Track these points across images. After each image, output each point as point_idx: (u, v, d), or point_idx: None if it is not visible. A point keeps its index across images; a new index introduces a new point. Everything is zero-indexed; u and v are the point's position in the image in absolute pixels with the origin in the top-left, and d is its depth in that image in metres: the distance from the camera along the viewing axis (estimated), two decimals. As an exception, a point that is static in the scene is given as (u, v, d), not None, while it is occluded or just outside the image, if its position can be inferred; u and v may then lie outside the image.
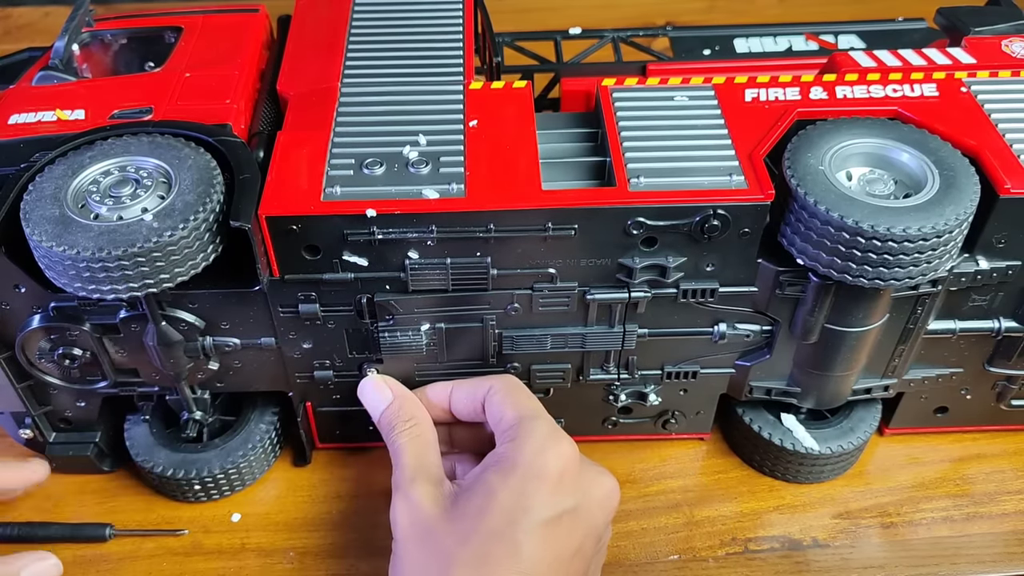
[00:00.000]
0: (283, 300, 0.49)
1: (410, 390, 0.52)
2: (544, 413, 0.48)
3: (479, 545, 0.42)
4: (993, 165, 0.48)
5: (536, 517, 0.43)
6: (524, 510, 0.43)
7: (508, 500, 0.43)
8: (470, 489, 0.45)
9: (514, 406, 0.48)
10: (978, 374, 0.57)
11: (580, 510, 0.45)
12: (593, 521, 0.46)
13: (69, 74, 0.56)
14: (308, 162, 0.48)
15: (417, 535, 0.44)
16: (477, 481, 0.45)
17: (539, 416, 0.47)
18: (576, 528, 0.45)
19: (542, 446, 0.45)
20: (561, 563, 0.43)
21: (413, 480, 0.46)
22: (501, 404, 0.48)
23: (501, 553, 0.42)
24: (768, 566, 0.55)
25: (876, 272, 0.45)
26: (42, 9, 1.07)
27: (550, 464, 0.45)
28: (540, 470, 0.44)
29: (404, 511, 0.45)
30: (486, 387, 0.50)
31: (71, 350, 0.51)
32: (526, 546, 0.42)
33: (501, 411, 0.48)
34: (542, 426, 0.46)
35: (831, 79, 0.54)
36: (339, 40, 0.58)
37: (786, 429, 0.57)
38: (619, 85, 0.54)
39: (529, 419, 0.47)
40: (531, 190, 0.46)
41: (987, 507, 0.58)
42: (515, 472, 0.44)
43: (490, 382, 0.50)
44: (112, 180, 0.47)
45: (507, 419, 0.47)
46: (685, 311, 0.51)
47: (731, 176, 0.47)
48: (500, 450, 0.46)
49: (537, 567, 0.42)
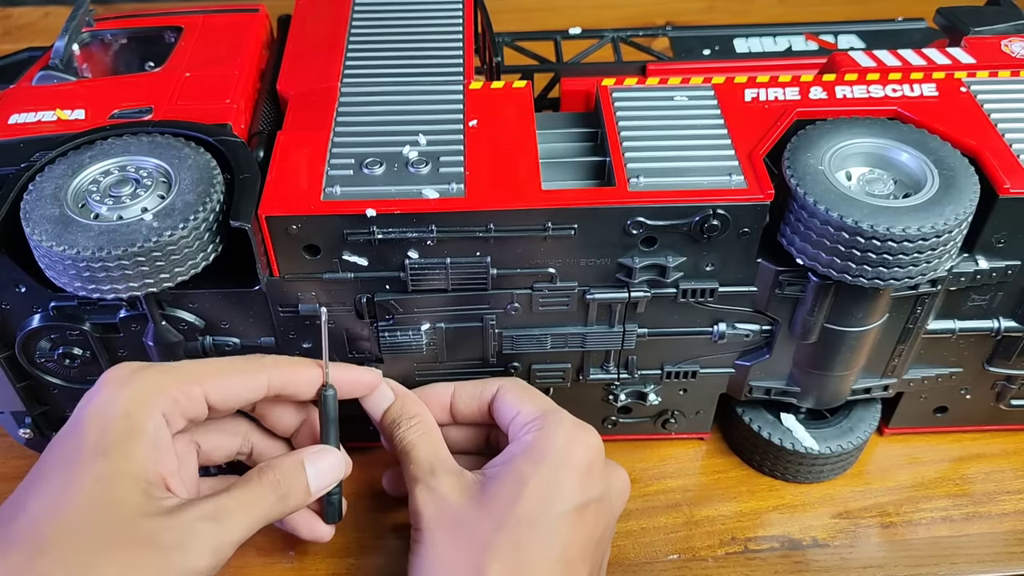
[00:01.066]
0: (283, 300, 0.49)
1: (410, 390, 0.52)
2: (562, 409, 0.48)
3: (513, 530, 0.43)
4: (993, 165, 0.48)
5: (567, 504, 0.44)
6: (556, 497, 0.44)
7: (540, 487, 0.44)
8: (498, 477, 0.45)
9: (532, 402, 0.48)
10: (977, 374, 0.57)
11: (604, 500, 0.46)
12: (613, 511, 0.48)
13: (69, 74, 0.56)
14: (308, 162, 0.48)
15: (446, 524, 0.44)
16: (506, 469, 0.45)
17: (560, 410, 0.48)
18: (601, 517, 0.46)
19: (571, 436, 0.46)
20: (587, 550, 0.45)
21: (433, 471, 0.46)
22: (517, 401, 0.48)
23: (535, 538, 0.43)
24: (768, 566, 0.55)
25: (876, 272, 0.45)
26: (42, 9, 1.07)
27: (579, 453, 0.46)
28: (570, 459, 0.45)
29: (428, 502, 0.45)
30: (494, 387, 0.50)
31: (71, 350, 0.51)
32: (558, 532, 0.43)
33: (518, 408, 0.48)
34: (567, 418, 0.47)
35: (831, 79, 0.54)
36: (339, 40, 0.58)
37: (786, 429, 0.57)
38: (619, 85, 0.54)
39: (553, 412, 0.48)
40: (531, 190, 0.47)
41: (986, 507, 0.58)
42: (546, 460, 0.45)
43: (499, 382, 0.50)
44: (112, 180, 0.47)
45: (527, 413, 0.48)
46: (685, 311, 0.51)
47: (731, 176, 0.47)
48: (527, 439, 0.46)
49: (568, 552, 0.43)
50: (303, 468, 0.46)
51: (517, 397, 0.49)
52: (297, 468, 0.45)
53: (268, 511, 0.43)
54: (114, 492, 0.39)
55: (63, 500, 0.39)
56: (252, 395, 0.46)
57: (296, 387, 0.47)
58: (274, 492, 0.44)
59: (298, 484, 0.45)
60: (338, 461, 0.48)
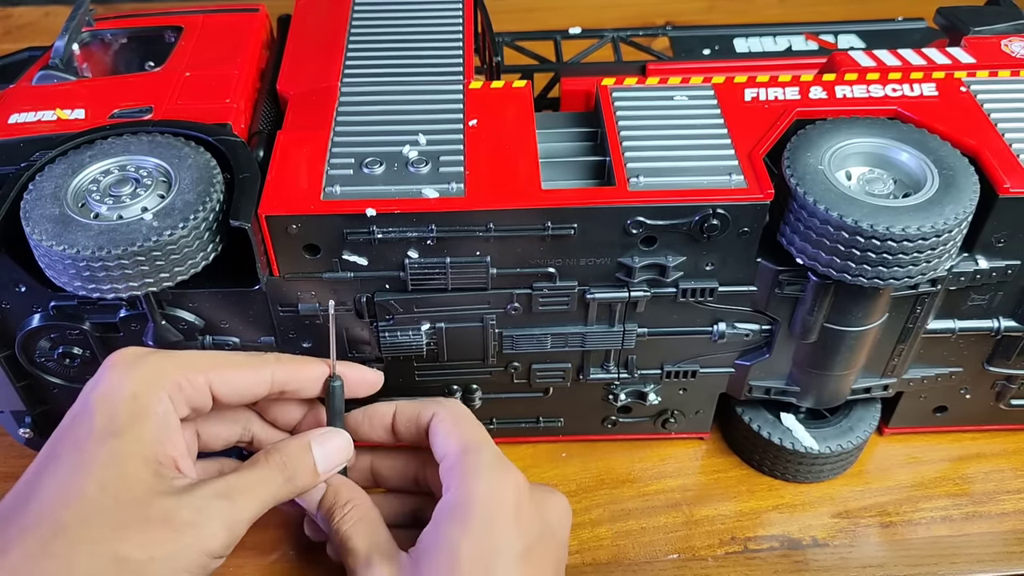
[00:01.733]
0: (283, 300, 0.49)
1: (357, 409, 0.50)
2: (488, 442, 0.46)
3: None
4: (992, 165, 0.48)
5: (508, 557, 0.42)
6: (494, 556, 0.42)
7: (475, 552, 0.42)
8: (430, 551, 0.43)
9: (458, 436, 0.46)
10: (977, 374, 0.57)
11: (545, 535, 0.45)
12: (559, 541, 0.46)
13: (69, 74, 0.56)
14: (308, 161, 0.48)
15: None
16: (436, 540, 0.43)
17: (483, 446, 0.45)
18: (547, 554, 0.44)
19: (491, 482, 0.44)
20: None
21: (369, 563, 0.44)
22: (446, 435, 0.46)
23: None
24: (767, 565, 0.55)
25: (875, 271, 0.45)
26: (42, 9, 1.07)
27: (504, 498, 0.43)
28: (497, 508, 0.43)
29: None
30: (430, 412, 0.48)
31: (71, 349, 0.51)
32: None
33: (445, 442, 0.46)
34: (487, 457, 0.45)
35: (831, 79, 0.54)
36: (339, 40, 0.58)
37: (785, 428, 0.57)
38: (619, 85, 0.54)
39: (474, 451, 0.45)
40: (531, 189, 0.47)
41: (986, 506, 0.58)
42: (472, 518, 0.42)
43: (434, 407, 0.48)
44: (112, 179, 0.47)
45: (451, 452, 0.45)
46: (684, 310, 0.51)
47: (731, 176, 0.47)
48: (450, 497, 0.44)
49: None
50: (309, 450, 0.46)
51: (447, 431, 0.47)
52: (303, 450, 0.45)
53: (276, 492, 0.44)
54: (127, 472, 0.39)
55: (76, 482, 0.39)
56: (255, 390, 0.46)
57: (299, 384, 0.47)
58: (281, 473, 0.44)
59: (305, 465, 0.45)
60: (345, 442, 0.48)
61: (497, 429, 0.59)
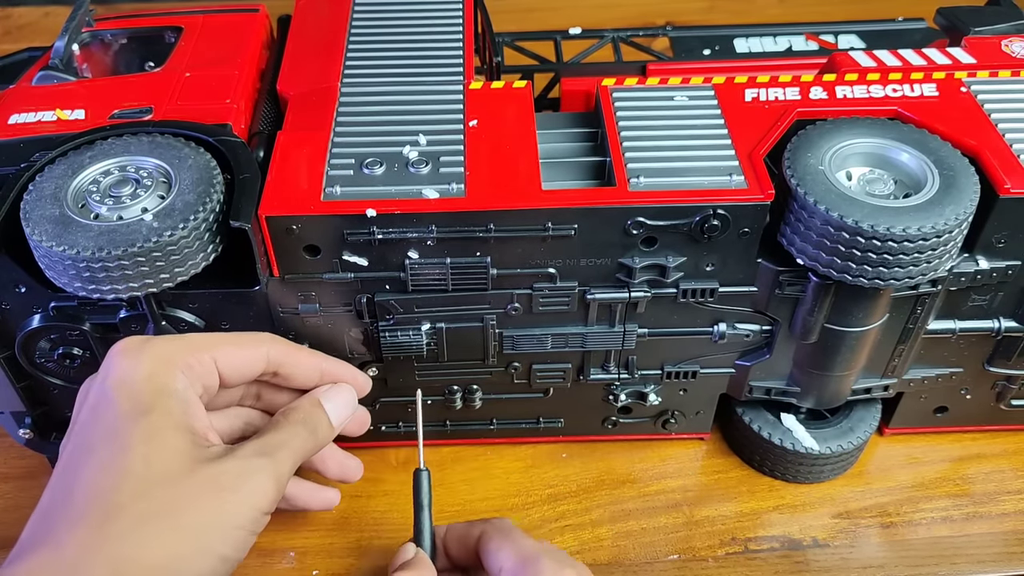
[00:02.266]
0: (283, 300, 0.49)
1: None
2: (545, 550, 0.46)
3: None
4: (993, 165, 0.48)
5: None
6: None
7: None
8: None
9: (513, 550, 0.46)
10: (978, 374, 0.57)
11: None
12: None
13: (69, 74, 0.56)
14: (308, 162, 0.48)
15: None
16: None
17: (540, 554, 0.46)
18: None
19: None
20: None
21: None
22: (498, 551, 0.47)
23: None
24: (768, 566, 0.55)
25: (876, 272, 0.45)
26: (42, 9, 1.07)
27: None
28: None
29: None
30: (478, 532, 0.48)
31: (71, 350, 0.51)
32: None
33: (499, 562, 0.46)
34: (547, 566, 0.45)
35: (831, 79, 0.54)
36: (339, 40, 0.58)
37: (786, 429, 0.57)
38: (619, 85, 0.54)
39: (533, 561, 0.45)
40: (531, 190, 0.47)
41: (987, 507, 0.58)
42: None
43: (482, 527, 0.48)
44: (112, 180, 0.47)
45: (508, 566, 0.45)
46: (685, 311, 0.51)
47: (731, 176, 0.47)
48: None
49: None
50: (320, 405, 0.47)
51: (498, 545, 0.47)
52: (316, 406, 0.47)
53: (304, 445, 0.45)
54: (167, 444, 0.40)
55: (119, 464, 0.39)
56: (254, 367, 0.46)
57: (292, 367, 0.48)
58: (304, 427, 0.46)
59: (321, 419, 0.47)
60: (351, 396, 0.50)
61: (497, 429, 0.59)
